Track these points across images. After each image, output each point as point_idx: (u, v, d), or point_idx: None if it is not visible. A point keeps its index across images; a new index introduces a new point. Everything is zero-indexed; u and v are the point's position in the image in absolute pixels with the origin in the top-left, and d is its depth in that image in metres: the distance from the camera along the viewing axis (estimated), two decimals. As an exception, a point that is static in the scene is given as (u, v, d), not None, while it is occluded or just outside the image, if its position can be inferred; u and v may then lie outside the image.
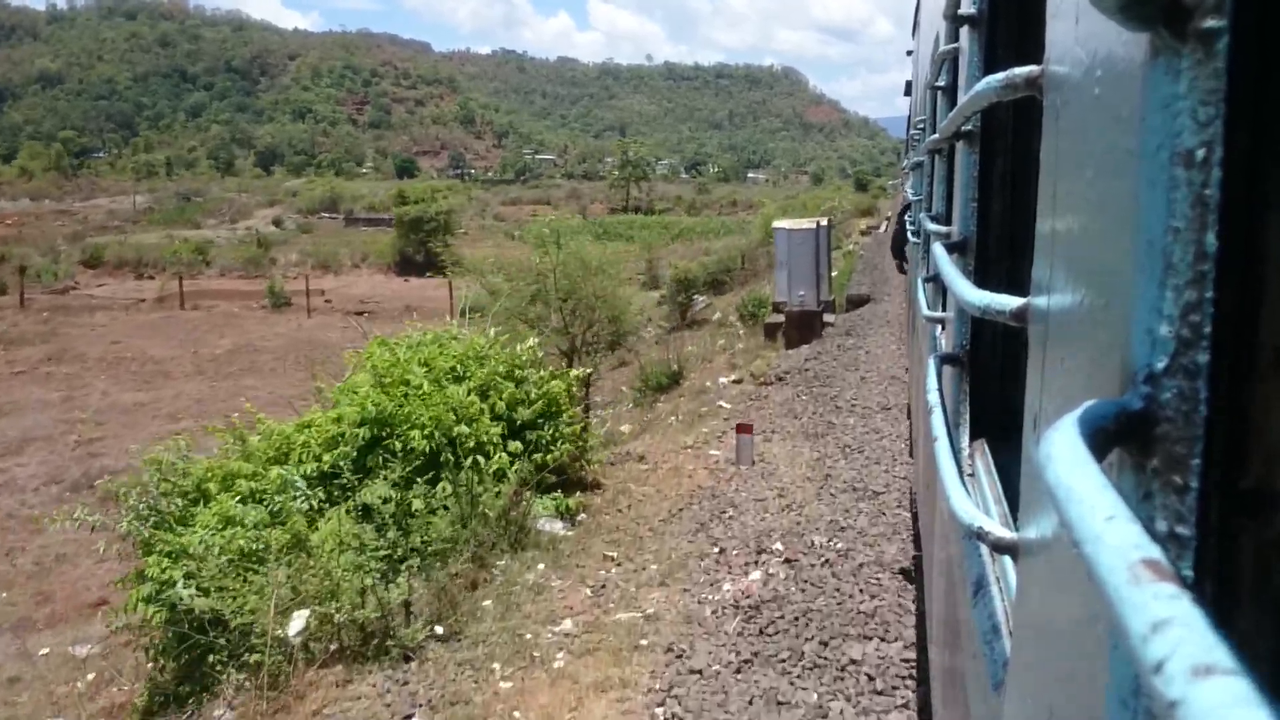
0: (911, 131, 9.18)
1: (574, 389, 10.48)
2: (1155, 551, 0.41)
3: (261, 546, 6.99)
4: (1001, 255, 2.28)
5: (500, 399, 9.42)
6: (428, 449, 8.48)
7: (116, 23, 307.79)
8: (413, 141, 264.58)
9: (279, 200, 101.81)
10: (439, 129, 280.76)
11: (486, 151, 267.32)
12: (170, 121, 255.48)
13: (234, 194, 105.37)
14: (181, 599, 6.68)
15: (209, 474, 8.06)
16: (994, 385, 2.29)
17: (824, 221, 20.19)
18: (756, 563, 7.56)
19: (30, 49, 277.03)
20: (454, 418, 8.80)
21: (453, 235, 56.68)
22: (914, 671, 5.57)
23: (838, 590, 6.88)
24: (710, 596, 7.07)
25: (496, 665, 6.30)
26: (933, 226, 3.07)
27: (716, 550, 7.94)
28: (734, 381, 15.79)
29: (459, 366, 9.72)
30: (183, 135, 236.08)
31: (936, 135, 2.97)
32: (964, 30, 2.41)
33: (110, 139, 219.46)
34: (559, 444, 9.44)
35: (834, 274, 28.14)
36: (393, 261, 54.92)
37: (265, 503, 7.75)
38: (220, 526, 7.27)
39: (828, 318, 19.09)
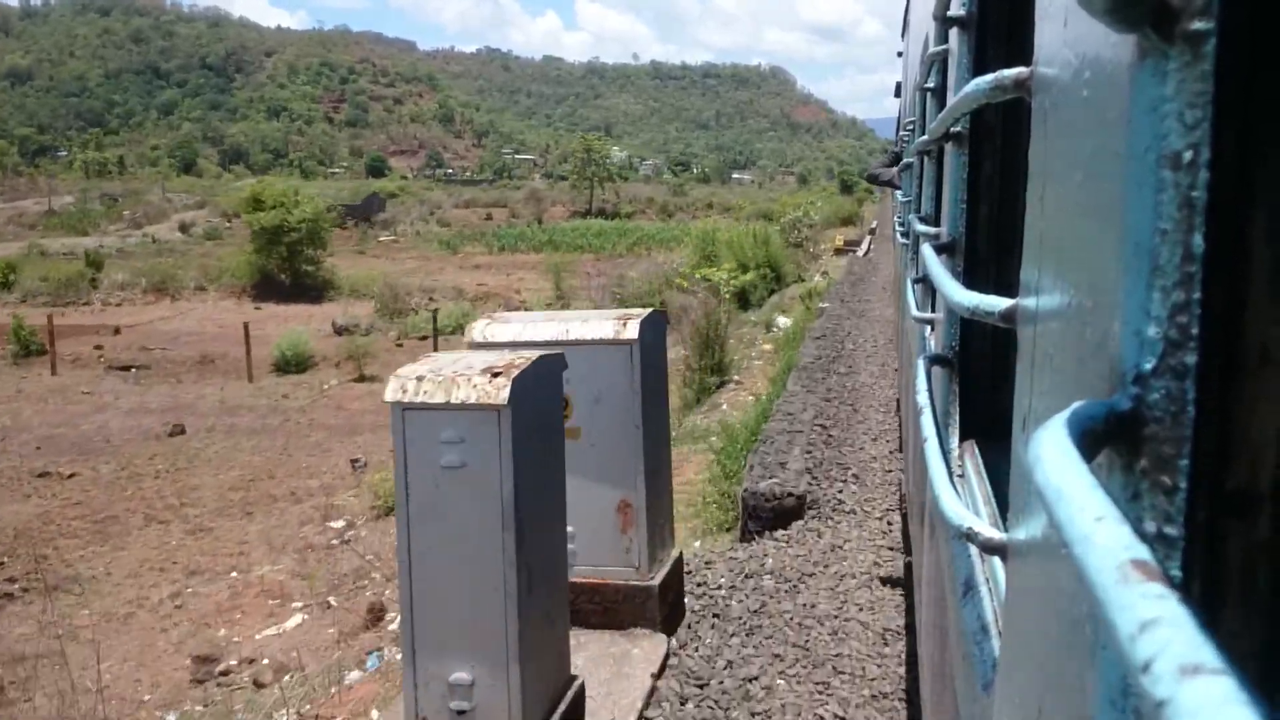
0: (901, 133, 9.21)
1: None
2: (1143, 552, 0.41)
3: None
4: (990, 256, 2.29)
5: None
6: None
7: (90, 18, 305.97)
8: (390, 140, 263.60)
9: (211, 202, 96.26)
10: (417, 128, 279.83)
11: (466, 151, 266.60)
12: (142, 119, 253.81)
13: (160, 196, 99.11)
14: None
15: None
16: (983, 386, 2.30)
17: (623, 329, 5.45)
18: None
19: (0, 45, 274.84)
20: None
21: (323, 248, 46.65)
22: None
23: None
24: None
25: None
26: (921, 228, 3.08)
27: None
28: None
29: None
30: (154, 133, 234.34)
31: (925, 137, 2.98)
32: (953, 32, 2.42)
33: (75, 137, 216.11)
34: None
35: (746, 359, 17.54)
36: (249, 283, 44.43)
37: None
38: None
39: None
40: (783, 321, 21.55)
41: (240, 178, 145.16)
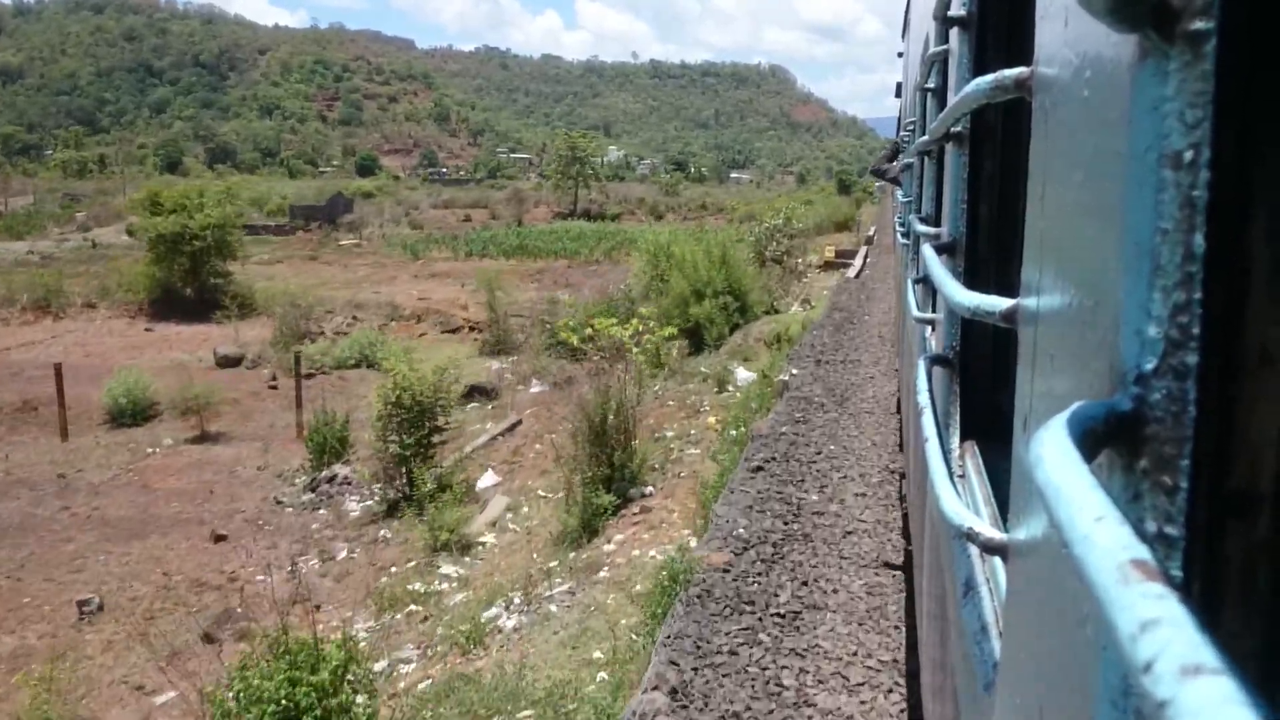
0: (902, 133, 9.20)
1: None
2: (1144, 552, 0.41)
3: None
4: (991, 256, 2.29)
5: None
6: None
7: (83, 16, 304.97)
8: (384, 139, 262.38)
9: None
10: (412, 126, 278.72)
11: (461, 150, 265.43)
12: (133, 118, 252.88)
13: (124, 197, 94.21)
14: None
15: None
16: (984, 386, 2.30)
17: None
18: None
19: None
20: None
21: (233, 258, 40.40)
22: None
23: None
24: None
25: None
26: (922, 228, 3.08)
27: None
28: None
29: None
30: (145, 132, 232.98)
31: (926, 137, 2.98)
32: (954, 32, 2.42)
33: (60, 135, 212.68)
34: None
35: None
36: (146, 299, 37.64)
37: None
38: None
39: None
40: (743, 375, 15.26)
41: (224, 176, 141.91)
